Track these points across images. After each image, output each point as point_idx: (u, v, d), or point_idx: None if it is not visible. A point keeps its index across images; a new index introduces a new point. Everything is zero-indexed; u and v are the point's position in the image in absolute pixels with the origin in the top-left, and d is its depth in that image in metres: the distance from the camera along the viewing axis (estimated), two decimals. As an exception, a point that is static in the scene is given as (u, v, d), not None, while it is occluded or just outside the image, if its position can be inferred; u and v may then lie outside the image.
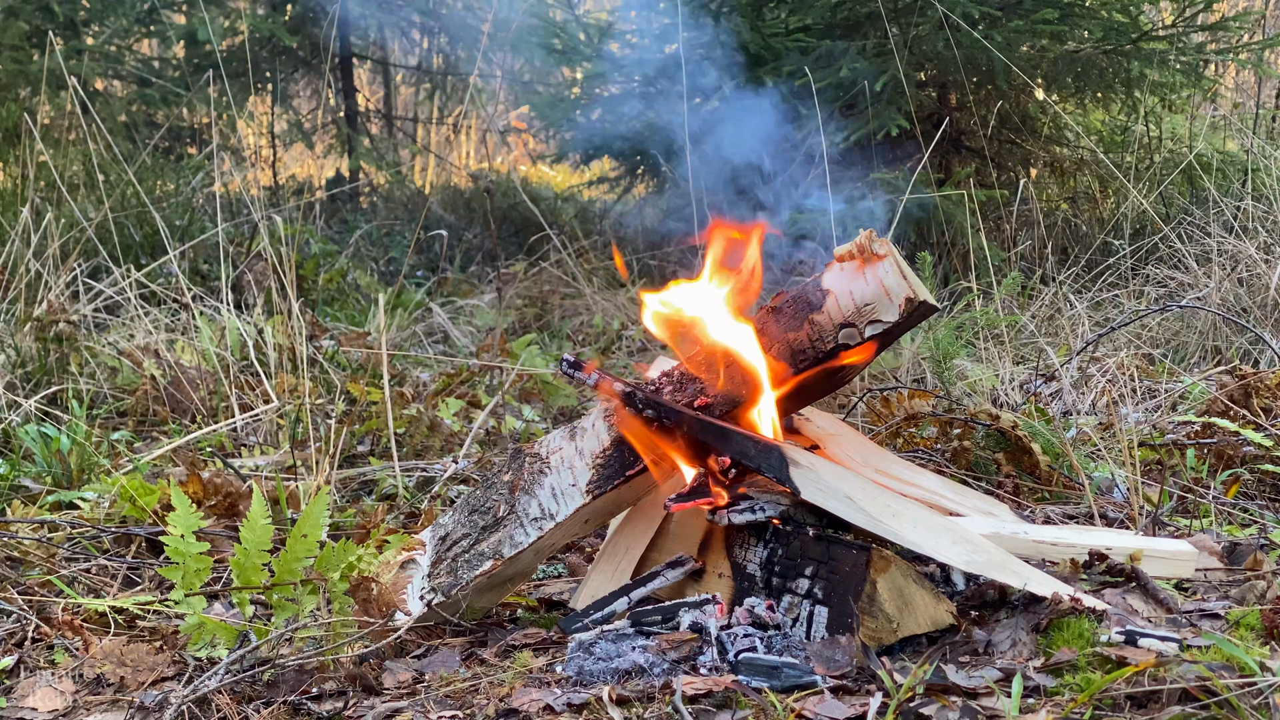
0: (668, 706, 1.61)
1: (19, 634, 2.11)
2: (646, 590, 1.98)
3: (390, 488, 3.02)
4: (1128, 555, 2.02)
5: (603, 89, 6.11)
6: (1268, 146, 5.20)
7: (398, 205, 7.57)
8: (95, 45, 6.89)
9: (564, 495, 2.04)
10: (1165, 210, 5.10)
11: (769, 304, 2.04)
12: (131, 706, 1.82)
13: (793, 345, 1.98)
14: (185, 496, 2.06)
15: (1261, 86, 6.13)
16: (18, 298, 4.08)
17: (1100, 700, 1.53)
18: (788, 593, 1.85)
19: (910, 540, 1.77)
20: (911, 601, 1.77)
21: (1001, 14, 5.03)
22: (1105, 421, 3.08)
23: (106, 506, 2.66)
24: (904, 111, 4.95)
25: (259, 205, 4.78)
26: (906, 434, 3.01)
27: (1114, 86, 5.38)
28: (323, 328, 4.68)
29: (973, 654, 1.73)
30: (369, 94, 9.09)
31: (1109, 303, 4.48)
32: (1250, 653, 1.56)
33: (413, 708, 1.72)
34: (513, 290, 5.84)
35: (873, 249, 1.95)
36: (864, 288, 1.94)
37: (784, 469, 1.83)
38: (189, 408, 3.60)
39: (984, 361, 3.70)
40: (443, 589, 2.04)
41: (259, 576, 2.00)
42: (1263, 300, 4.02)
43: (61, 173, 5.09)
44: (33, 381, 3.68)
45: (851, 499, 1.81)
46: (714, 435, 1.94)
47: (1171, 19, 5.44)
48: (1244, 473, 2.68)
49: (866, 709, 1.55)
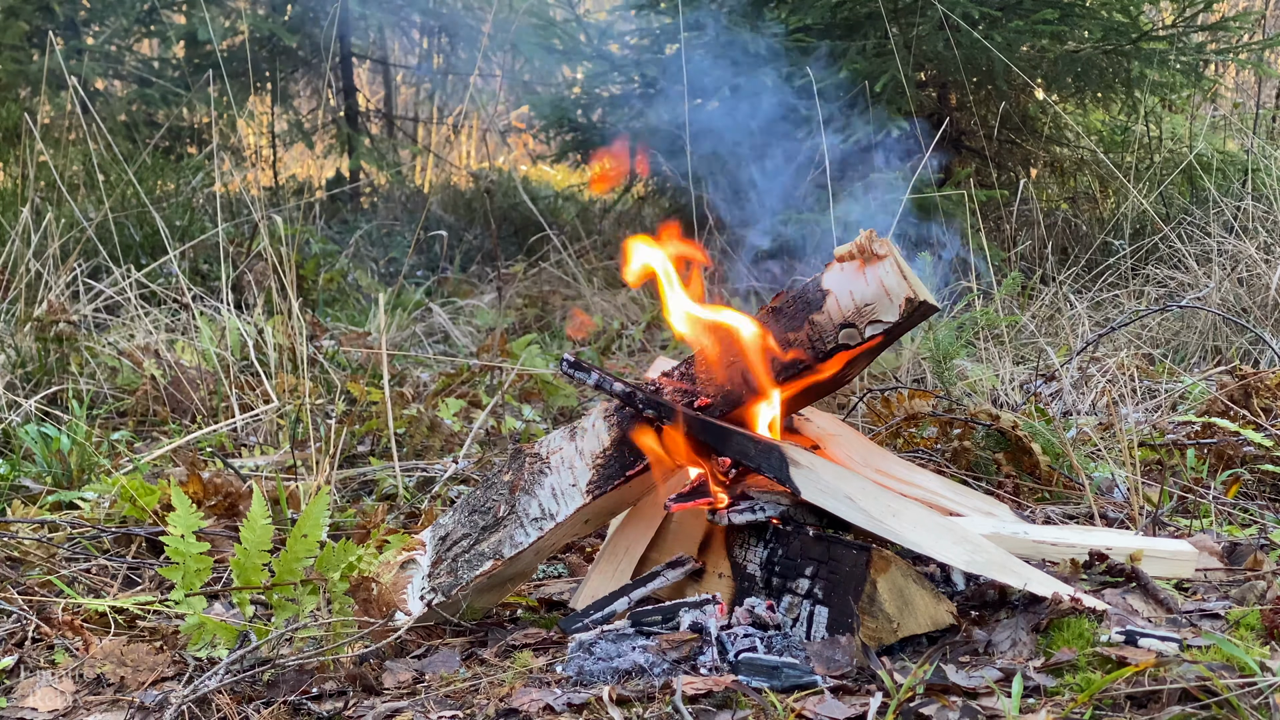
0: (668, 706, 1.61)
1: (19, 634, 2.11)
2: (646, 590, 1.98)
3: (390, 488, 3.02)
4: (1128, 555, 2.02)
5: (603, 89, 6.11)
6: (1268, 146, 5.20)
7: (398, 205, 7.57)
8: (95, 45, 6.89)
9: (564, 495, 2.04)
10: (1165, 210, 5.10)
11: (769, 304, 2.04)
12: (131, 706, 1.82)
13: (793, 345, 1.98)
14: (185, 496, 2.06)
15: (1261, 86, 6.13)
16: (18, 298, 4.08)
17: (1100, 700, 1.53)
18: (788, 593, 1.85)
19: (911, 540, 1.77)
20: (911, 601, 1.77)
21: (1001, 14, 5.03)
22: (1105, 421, 3.08)
23: (107, 506, 2.66)
24: (904, 112, 4.95)
25: (259, 205, 4.77)
26: (906, 434, 3.01)
27: (1114, 86, 5.38)
28: (323, 328, 4.69)
29: (973, 654, 1.73)
30: (369, 94, 9.09)
31: (1109, 303, 4.48)
32: (1250, 653, 1.56)
33: (413, 708, 1.72)
34: (513, 290, 5.84)
35: (873, 249, 1.94)
36: (864, 288, 1.94)
37: (784, 469, 1.83)
38: (189, 408, 3.60)
39: (984, 361, 3.70)
40: (443, 589, 2.04)
41: (259, 576, 2.00)
42: (1263, 300, 4.01)
43: (61, 172, 5.09)
44: (33, 381, 3.68)
45: (852, 499, 1.81)
46: (714, 435, 1.94)
47: (1171, 19, 5.44)
48: (1244, 473, 2.68)
49: (866, 709, 1.55)
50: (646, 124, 5.51)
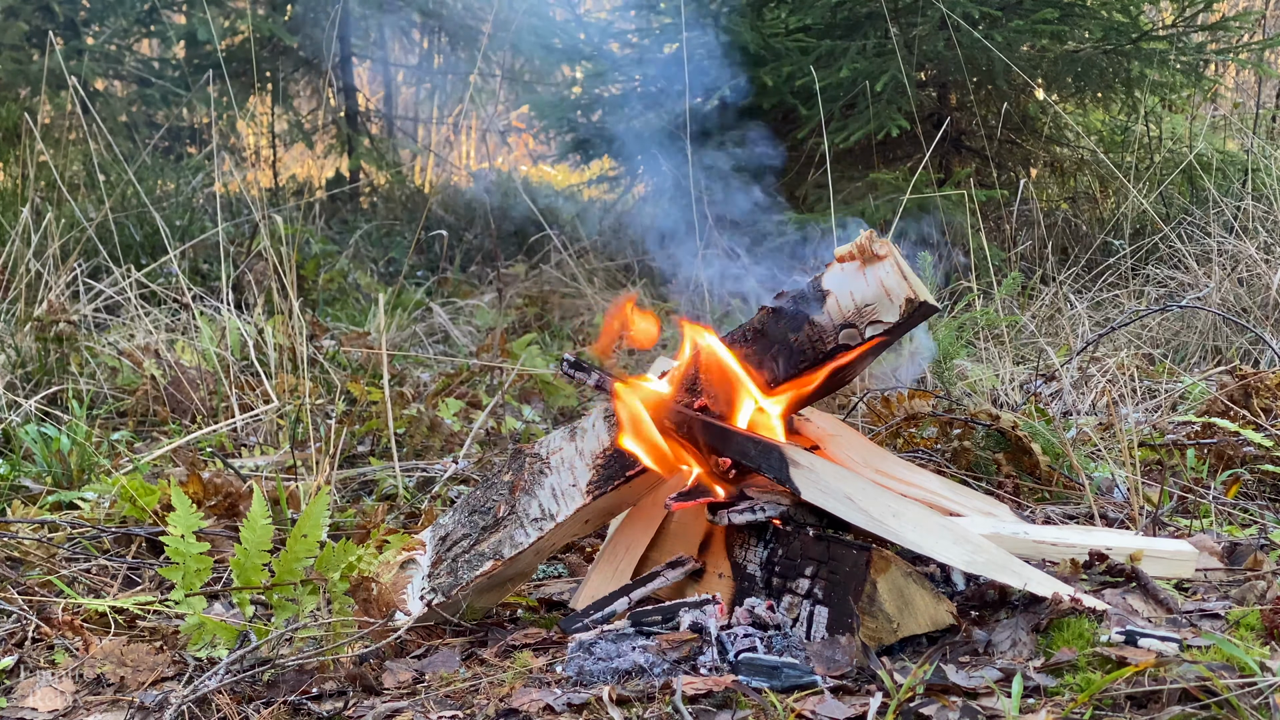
0: (668, 706, 1.61)
1: (19, 634, 2.11)
2: (646, 590, 1.98)
3: (390, 488, 3.02)
4: (1128, 555, 2.02)
5: (603, 89, 6.11)
6: (1268, 146, 5.20)
7: (398, 205, 7.58)
8: (95, 45, 6.89)
9: (564, 496, 2.04)
10: (1165, 210, 5.10)
11: (769, 304, 2.03)
12: (131, 706, 1.82)
13: (793, 346, 1.98)
14: (185, 497, 2.05)
15: (1262, 86, 6.13)
16: (18, 297, 4.08)
17: (1100, 700, 1.53)
18: (788, 593, 1.85)
19: (911, 541, 1.77)
20: (911, 601, 1.77)
21: (1001, 14, 5.03)
22: (1105, 422, 3.08)
23: (107, 507, 2.66)
24: (904, 111, 4.95)
25: (259, 205, 4.77)
26: (906, 434, 3.01)
27: (1114, 86, 5.38)
28: (323, 328, 4.69)
29: (973, 654, 1.73)
30: (369, 94, 9.09)
31: (1109, 303, 4.48)
32: (1250, 653, 1.56)
33: (413, 708, 1.72)
34: (513, 290, 5.84)
35: (873, 249, 1.94)
36: (864, 288, 1.94)
37: (784, 469, 1.83)
38: (189, 408, 3.60)
39: (984, 362, 3.70)
40: (443, 589, 2.04)
41: (259, 576, 2.00)
42: (1263, 300, 4.01)
43: (62, 173, 5.09)
44: (33, 381, 3.68)
45: (852, 499, 1.81)
46: (714, 436, 1.94)
47: (1172, 19, 5.44)
48: (1244, 473, 2.68)
49: (866, 709, 1.55)
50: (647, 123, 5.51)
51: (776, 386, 2.02)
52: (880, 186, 5.09)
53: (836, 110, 5.12)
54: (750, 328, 2.04)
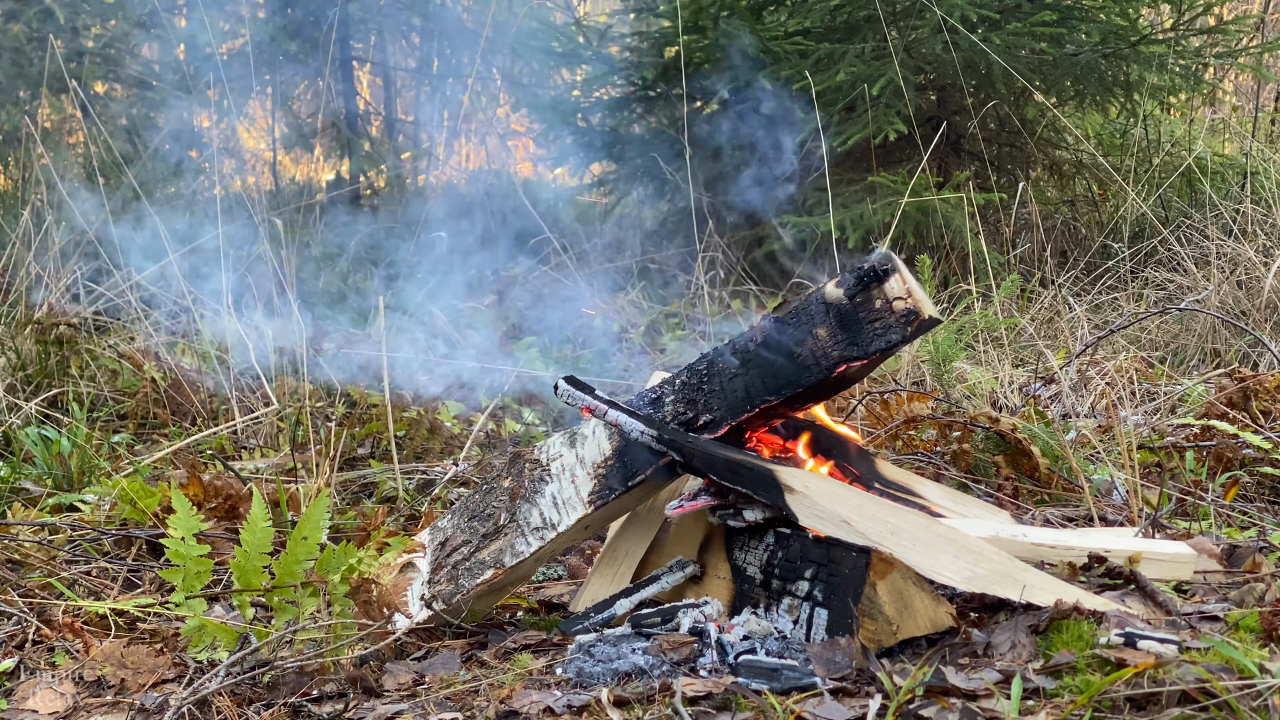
0: (667, 708, 1.61)
1: (20, 636, 2.11)
2: (647, 593, 1.98)
3: (390, 490, 3.02)
4: (1127, 558, 2.03)
5: (603, 92, 6.12)
6: (1266, 150, 5.20)
7: (397, 207, 7.57)
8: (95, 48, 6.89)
9: (565, 505, 2.04)
10: (1164, 213, 5.11)
11: (774, 313, 2.03)
12: (132, 709, 1.82)
13: (797, 358, 1.98)
14: (186, 499, 2.06)
15: (1260, 90, 6.13)
16: (18, 300, 4.08)
17: (1099, 702, 1.53)
18: (788, 595, 1.85)
19: (911, 561, 1.77)
20: (911, 603, 1.77)
21: (1000, 17, 5.04)
22: (1104, 424, 3.08)
23: (107, 509, 2.66)
24: (902, 115, 4.96)
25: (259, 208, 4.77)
26: (906, 437, 3.02)
27: (1113, 90, 5.39)
28: (323, 330, 4.68)
29: (972, 656, 1.74)
30: (369, 97, 9.09)
31: (1108, 305, 4.49)
32: (1249, 655, 1.56)
33: (413, 709, 1.72)
34: (513, 293, 5.83)
35: (879, 264, 1.94)
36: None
37: (779, 497, 1.83)
38: (189, 410, 3.60)
39: (983, 364, 3.70)
40: (443, 596, 2.04)
41: (259, 579, 2.00)
42: (1261, 303, 4.02)
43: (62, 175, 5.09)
44: (33, 384, 3.68)
45: (848, 522, 1.81)
46: (711, 465, 1.92)
47: (1170, 22, 5.44)
48: (1243, 475, 2.69)
49: (866, 711, 1.55)
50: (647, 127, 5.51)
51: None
52: (879, 190, 5.10)
53: (835, 114, 5.13)
54: (751, 340, 2.03)
